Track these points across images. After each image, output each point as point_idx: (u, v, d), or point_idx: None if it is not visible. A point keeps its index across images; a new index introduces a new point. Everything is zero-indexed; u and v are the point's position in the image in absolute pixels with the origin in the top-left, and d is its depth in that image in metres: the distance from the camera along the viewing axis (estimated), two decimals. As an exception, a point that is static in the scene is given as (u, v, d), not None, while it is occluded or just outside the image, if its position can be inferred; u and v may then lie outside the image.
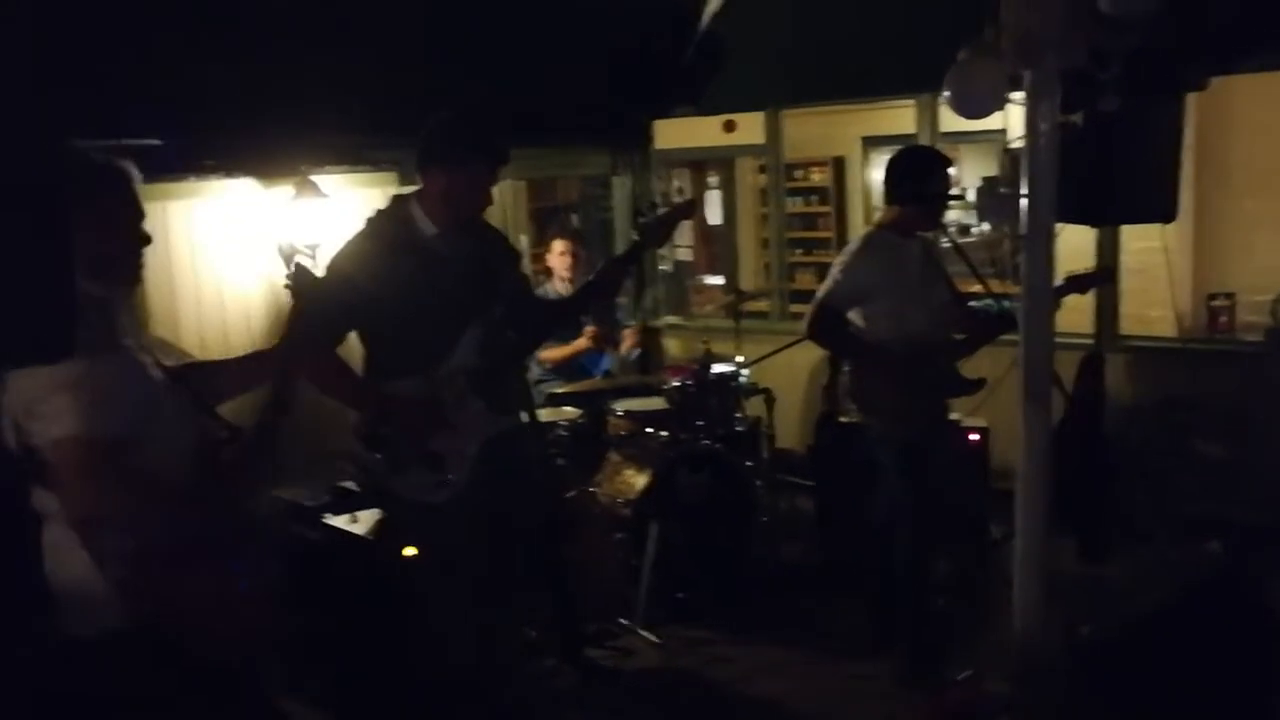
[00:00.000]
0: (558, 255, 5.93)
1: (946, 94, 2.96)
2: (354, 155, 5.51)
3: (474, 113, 3.43)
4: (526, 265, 8.35)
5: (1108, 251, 5.78)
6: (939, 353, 4.20)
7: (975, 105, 2.93)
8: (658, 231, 3.68)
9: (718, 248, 10.75)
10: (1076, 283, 4.51)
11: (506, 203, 6.95)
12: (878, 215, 4.48)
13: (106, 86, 4.28)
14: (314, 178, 5.13)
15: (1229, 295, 6.42)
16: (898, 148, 4.50)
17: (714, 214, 10.33)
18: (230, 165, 5.04)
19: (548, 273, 6.09)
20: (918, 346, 4.12)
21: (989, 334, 4.37)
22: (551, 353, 5.77)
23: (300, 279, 2.65)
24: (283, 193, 5.12)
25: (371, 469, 3.42)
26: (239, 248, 5.18)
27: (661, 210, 3.71)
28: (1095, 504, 4.96)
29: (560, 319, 4.46)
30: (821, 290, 4.15)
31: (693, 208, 4.02)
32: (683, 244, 9.99)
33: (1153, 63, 3.09)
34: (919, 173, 4.18)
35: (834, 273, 4.16)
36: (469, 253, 3.41)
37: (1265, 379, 5.38)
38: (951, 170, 4.34)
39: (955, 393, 4.36)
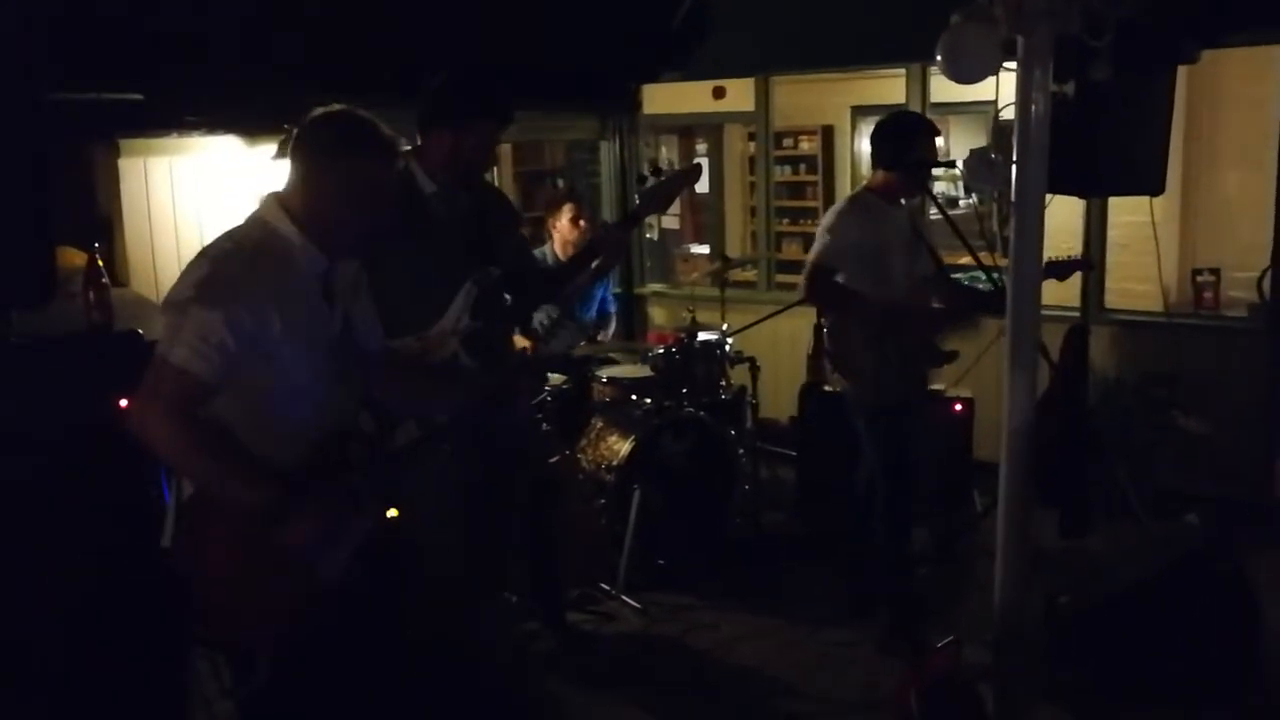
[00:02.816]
0: (568, 221, 5.85)
1: (939, 57, 2.92)
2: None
3: (478, 71, 3.38)
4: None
5: (1095, 224, 5.79)
6: (918, 321, 4.21)
7: (968, 69, 2.89)
8: (659, 197, 3.65)
9: (704, 216, 10.72)
10: (1056, 268, 4.50)
11: (493, 166, 6.88)
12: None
13: (87, 40, 4.22)
14: (298, 136, 5.07)
15: (1214, 271, 6.44)
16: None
17: (701, 182, 10.27)
18: (213, 122, 4.98)
19: (545, 236, 6.05)
20: (898, 313, 4.13)
21: (970, 309, 4.37)
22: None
23: None
24: (266, 151, 5.06)
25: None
26: (220, 205, 5.12)
27: (664, 175, 3.67)
28: (1077, 476, 4.97)
29: (559, 284, 4.41)
30: (813, 251, 4.18)
31: (697, 173, 3.98)
32: (669, 212, 9.95)
33: (1146, 33, 3.07)
34: (902, 137, 4.18)
35: (822, 233, 4.18)
36: (467, 212, 3.39)
37: (1248, 355, 5.40)
38: (939, 138, 4.33)
39: (930, 363, 4.36)
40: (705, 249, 10.29)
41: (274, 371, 2.40)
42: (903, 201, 4.32)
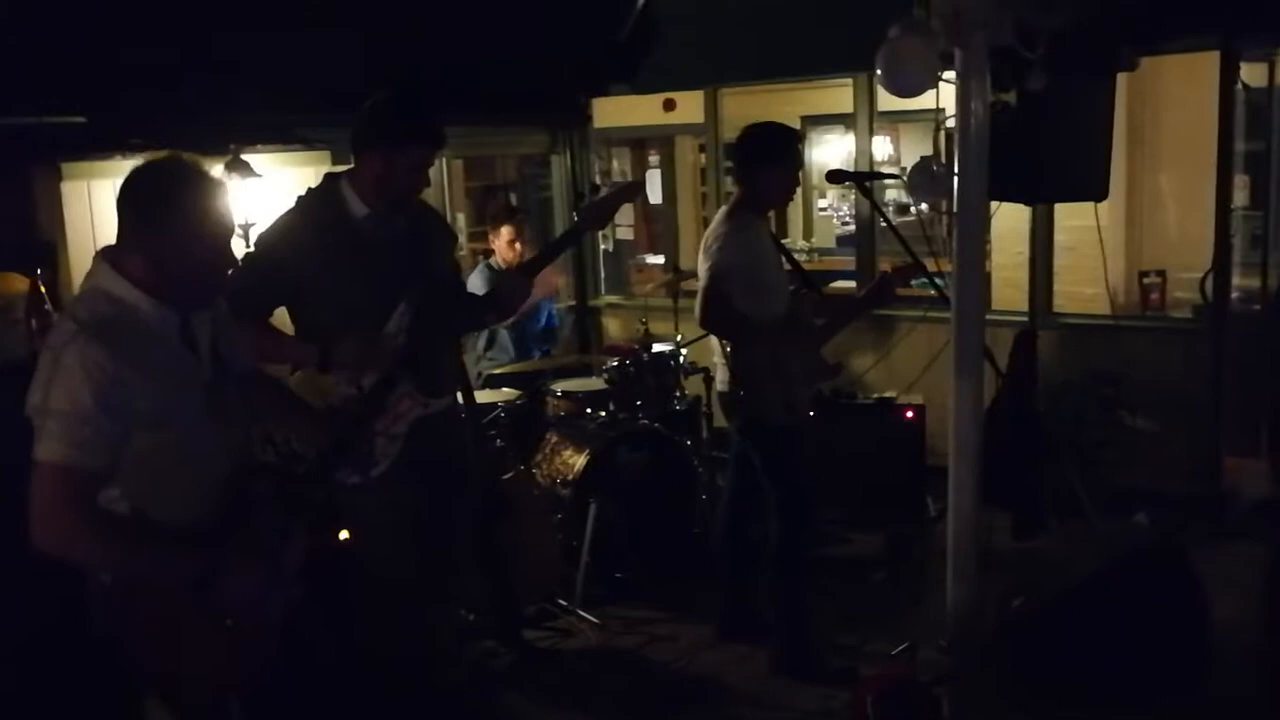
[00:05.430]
0: (505, 243, 5.92)
1: (878, 71, 2.96)
2: (286, 133, 5.42)
3: (410, 94, 3.37)
4: (464, 244, 8.33)
5: (1041, 229, 5.86)
6: (808, 339, 4.19)
7: (906, 83, 2.93)
8: (599, 213, 3.65)
9: (658, 227, 10.75)
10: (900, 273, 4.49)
11: (443, 181, 6.88)
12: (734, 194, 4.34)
13: (29, 61, 4.17)
14: (245, 156, 5.04)
15: (1160, 273, 6.54)
16: (838, 126, 4.50)
17: (654, 193, 10.32)
18: (158, 144, 4.91)
19: (490, 253, 6.10)
20: (789, 335, 4.10)
21: (845, 317, 4.37)
22: None
23: None
24: (213, 172, 5.01)
25: (296, 449, 3.36)
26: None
27: (605, 192, 3.67)
28: (1028, 478, 5.03)
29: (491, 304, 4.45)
30: (705, 275, 4.03)
31: (637, 190, 3.94)
32: (623, 223, 9.97)
33: (1081, 42, 3.12)
34: (761, 149, 4.14)
35: (711, 255, 4.04)
36: (400, 234, 3.36)
37: (1194, 354, 5.49)
38: (800, 145, 4.24)
39: (819, 377, 4.33)
40: (660, 259, 10.31)
41: (153, 433, 2.36)
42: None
